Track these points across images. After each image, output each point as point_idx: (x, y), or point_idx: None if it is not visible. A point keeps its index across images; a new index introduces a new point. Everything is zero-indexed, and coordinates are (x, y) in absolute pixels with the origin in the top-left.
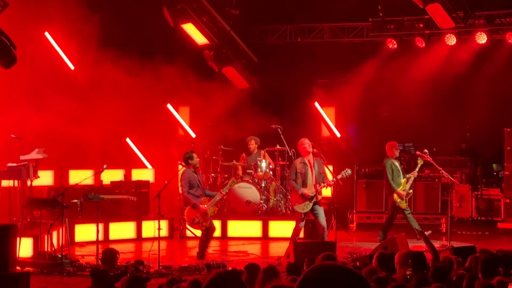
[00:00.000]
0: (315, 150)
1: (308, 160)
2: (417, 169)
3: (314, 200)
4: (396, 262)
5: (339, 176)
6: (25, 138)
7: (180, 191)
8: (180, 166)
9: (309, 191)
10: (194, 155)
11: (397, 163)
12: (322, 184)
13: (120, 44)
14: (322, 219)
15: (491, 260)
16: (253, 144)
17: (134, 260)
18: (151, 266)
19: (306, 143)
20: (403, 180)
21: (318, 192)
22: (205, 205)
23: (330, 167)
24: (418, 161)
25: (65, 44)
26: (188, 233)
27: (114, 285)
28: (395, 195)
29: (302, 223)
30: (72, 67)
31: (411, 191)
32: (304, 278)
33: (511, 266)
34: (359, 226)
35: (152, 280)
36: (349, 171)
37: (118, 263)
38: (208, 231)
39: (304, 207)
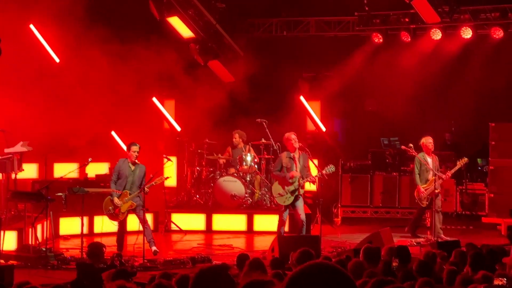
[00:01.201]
0: (300, 144)
1: (293, 155)
2: (452, 171)
3: (296, 193)
4: (382, 255)
5: (323, 172)
6: (9, 131)
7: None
8: (165, 160)
9: (294, 173)
10: (133, 147)
11: (429, 159)
12: (306, 179)
13: (105, 38)
14: (302, 213)
15: (479, 254)
16: (236, 138)
17: (112, 253)
18: (136, 259)
19: (293, 138)
20: (431, 179)
21: (301, 186)
22: (124, 199)
23: (315, 161)
24: (458, 163)
25: (50, 37)
26: (173, 227)
27: (101, 278)
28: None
29: (285, 214)
30: (57, 60)
31: (437, 190)
32: (291, 280)
33: (496, 260)
34: (344, 220)
35: (137, 274)
36: (332, 168)
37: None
38: (122, 224)
39: (285, 200)
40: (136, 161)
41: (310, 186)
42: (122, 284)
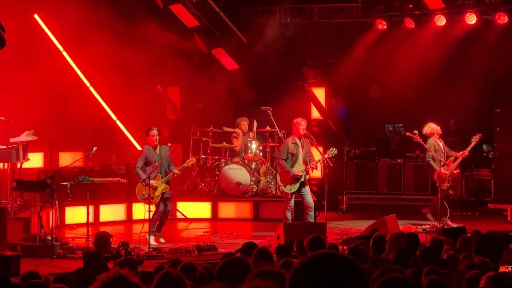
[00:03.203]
0: (305, 132)
1: (299, 141)
2: (469, 148)
3: (301, 180)
4: (387, 241)
5: (326, 156)
6: (14, 120)
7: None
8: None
9: (299, 171)
10: (152, 131)
11: (440, 143)
12: (309, 165)
13: (109, 26)
14: (310, 199)
15: (484, 240)
16: (245, 125)
17: (119, 242)
18: (142, 248)
19: (302, 124)
20: (449, 160)
21: (306, 172)
22: (158, 182)
23: (320, 149)
24: (472, 140)
25: (54, 26)
26: (179, 215)
27: (106, 267)
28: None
29: (292, 202)
30: (61, 49)
31: (457, 171)
32: (298, 269)
33: (502, 246)
34: (349, 207)
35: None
36: (334, 151)
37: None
38: (158, 207)
39: (291, 188)
40: (157, 144)
41: (314, 173)
42: (117, 272)
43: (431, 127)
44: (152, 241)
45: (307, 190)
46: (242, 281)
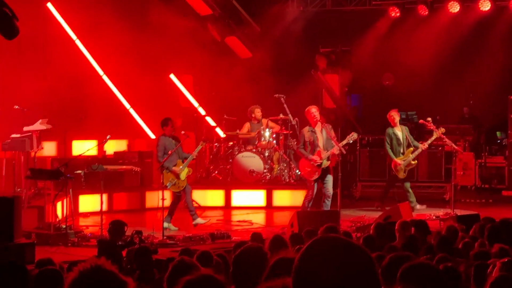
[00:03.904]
0: (319, 119)
1: (315, 129)
2: (429, 141)
3: (323, 167)
4: (396, 229)
5: (345, 142)
6: (28, 109)
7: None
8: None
9: (317, 157)
10: (171, 122)
11: (399, 132)
12: (330, 151)
13: (123, 14)
14: (330, 187)
15: (496, 227)
16: (259, 113)
17: (134, 230)
18: (155, 236)
19: (313, 111)
20: (407, 150)
21: (328, 159)
22: (180, 167)
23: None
24: (434, 134)
25: (67, 15)
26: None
27: (121, 256)
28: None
29: (313, 191)
30: (75, 38)
31: (414, 162)
32: (306, 251)
33: None
34: (363, 195)
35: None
36: (355, 135)
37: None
38: (181, 193)
39: (313, 174)
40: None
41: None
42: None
43: (391, 116)
44: (169, 226)
45: (329, 179)
46: (259, 270)
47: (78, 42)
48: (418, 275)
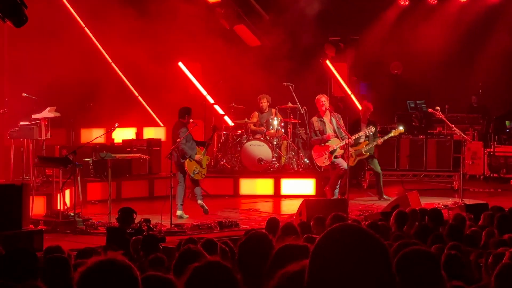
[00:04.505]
0: (327, 108)
1: (323, 118)
2: (385, 137)
3: (335, 154)
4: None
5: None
6: (37, 96)
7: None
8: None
9: (331, 143)
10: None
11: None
12: (345, 140)
13: (131, 1)
14: (343, 163)
15: (506, 217)
16: (265, 102)
17: (142, 218)
18: (163, 224)
19: (322, 100)
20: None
21: (341, 148)
22: (201, 154)
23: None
24: (393, 132)
25: (76, 2)
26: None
27: (129, 243)
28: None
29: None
30: (83, 25)
31: (364, 149)
32: (325, 238)
33: None
34: (371, 183)
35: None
36: (372, 129)
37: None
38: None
39: (324, 161)
40: None
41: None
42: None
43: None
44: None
45: (339, 159)
46: (265, 257)
47: (87, 30)
48: (412, 262)
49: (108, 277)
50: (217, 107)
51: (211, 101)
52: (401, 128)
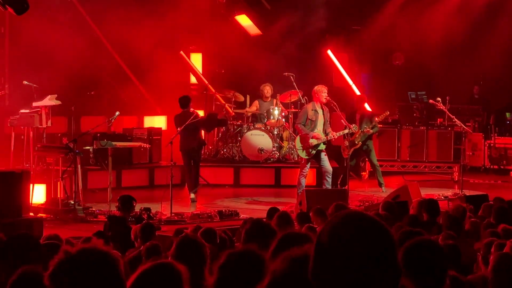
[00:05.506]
0: (328, 98)
1: (318, 109)
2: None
3: (319, 148)
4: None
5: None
6: (37, 84)
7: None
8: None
9: (318, 135)
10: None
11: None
12: (328, 136)
13: None
14: (328, 165)
15: (504, 208)
16: (268, 91)
17: (142, 207)
18: (163, 213)
19: (324, 92)
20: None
21: (324, 143)
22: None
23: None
24: (376, 118)
25: None
26: (200, 181)
27: (130, 231)
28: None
29: (307, 168)
30: (85, 14)
31: (357, 140)
32: (332, 225)
33: None
34: (372, 174)
35: (164, 227)
36: (386, 112)
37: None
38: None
39: (306, 153)
40: None
41: (339, 140)
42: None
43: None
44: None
45: (325, 157)
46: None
47: (88, 18)
48: (421, 252)
49: (85, 266)
50: (218, 96)
51: (213, 90)
52: (387, 112)
